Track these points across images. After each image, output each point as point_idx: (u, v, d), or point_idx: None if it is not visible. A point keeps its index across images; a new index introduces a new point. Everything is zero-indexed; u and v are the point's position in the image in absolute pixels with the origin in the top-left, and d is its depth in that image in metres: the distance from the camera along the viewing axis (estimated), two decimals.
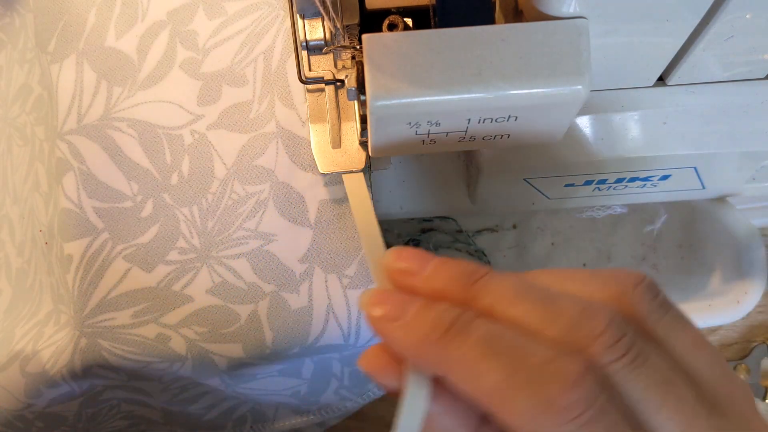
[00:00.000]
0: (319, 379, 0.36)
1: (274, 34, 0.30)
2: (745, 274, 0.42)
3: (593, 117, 0.33)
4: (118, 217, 0.31)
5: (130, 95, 0.31)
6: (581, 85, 0.23)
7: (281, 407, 0.40)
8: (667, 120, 0.32)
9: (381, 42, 0.23)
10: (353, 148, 0.29)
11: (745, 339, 0.47)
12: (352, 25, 0.27)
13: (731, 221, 0.42)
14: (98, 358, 0.30)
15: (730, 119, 0.32)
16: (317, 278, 0.30)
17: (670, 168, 0.36)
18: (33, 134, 0.36)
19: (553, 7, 0.24)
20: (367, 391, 0.39)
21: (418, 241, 0.47)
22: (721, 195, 0.41)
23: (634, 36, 0.26)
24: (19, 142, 0.37)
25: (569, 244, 0.47)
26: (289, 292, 0.30)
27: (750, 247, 0.41)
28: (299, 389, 0.37)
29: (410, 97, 0.23)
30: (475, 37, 0.23)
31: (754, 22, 0.25)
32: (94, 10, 0.31)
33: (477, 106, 0.24)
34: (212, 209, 0.30)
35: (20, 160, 0.37)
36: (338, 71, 0.28)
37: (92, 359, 0.30)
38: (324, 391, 0.38)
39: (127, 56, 0.31)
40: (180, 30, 0.31)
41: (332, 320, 0.31)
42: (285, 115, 0.30)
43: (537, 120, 0.25)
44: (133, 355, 0.30)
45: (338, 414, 0.40)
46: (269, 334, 0.30)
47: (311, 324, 0.31)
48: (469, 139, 0.26)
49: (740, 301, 0.42)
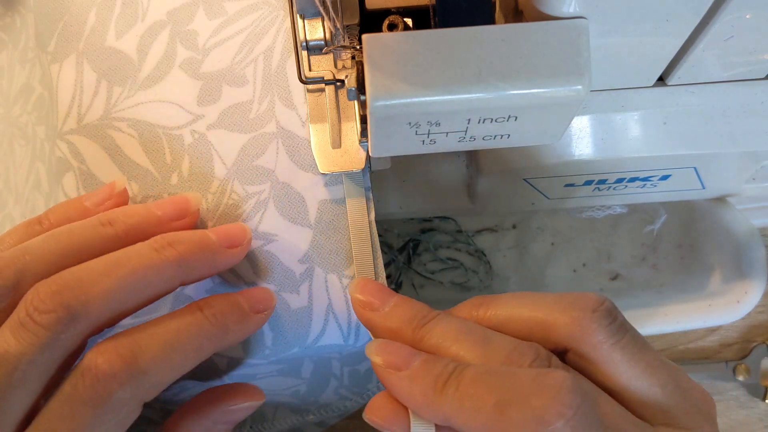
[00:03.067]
0: (318, 378, 0.36)
1: (274, 34, 0.30)
2: (745, 274, 0.42)
3: (593, 117, 0.33)
4: None
5: (131, 95, 0.31)
6: (581, 85, 0.23)
7: (281, 407, 0.40)
8: (667, 120, 0.32)
9: (381, 42, 0.23)
10: (353, 148, 0.29)
11: (745, 339, 0.47)
12: (352, 25, 0.27)
13: (731, 221, 0.42)
14: None
15: (730, 119, 0.32)
16: (317, 278, 0.30)
17: (670, 168, 0.36)
18: (34, 134, 0.36)
19: (553, 7, 0.24)
20: (366, 391, 0.39)
21: (418, 241, 0.47)
22: (721, 195, 0.41)
23: (634, 36, 0.26)
24: (21, 141, 0.37)
25: (569, 244, 0.47)
26: (289, 292, 0.30)
27: (750, 247, 0.41)
28: (299, 389, 0.37)
29: (410, 97, 0.23)
30: (475, 37, 0.23)
31: (754, 22, 0.25)
32: (94, 10, 0.31)
33: (477, 106, 0.24)
34: (212, 209, 0.30)
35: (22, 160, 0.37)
36: (338, 71, 0.29)
37: None
38: (323, 391, 0.38)
39: (127, 56, 0.31)
40: (180, 30, 0.31)
41: (332, 320, 0.31)
42: (285, 115, 0.30)
43: (537, 120, 0.25)
44: None
45: (338, 413, 0.40)
46: (269, 334, 0.30)
47: (311, 324, 0.31)
48: (469, 139, 0.26)
49: (740, 301, 0.42)
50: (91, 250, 0.25)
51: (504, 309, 0.26)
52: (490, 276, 0.47)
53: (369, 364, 0.37)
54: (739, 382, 0.46)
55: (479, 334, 0.25)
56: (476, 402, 0.22)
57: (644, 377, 0.24)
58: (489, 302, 0.27)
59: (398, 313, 0.27)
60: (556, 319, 0.25)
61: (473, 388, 0.22)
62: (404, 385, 0.24)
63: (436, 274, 0.47)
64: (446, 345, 0.25)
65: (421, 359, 0.24)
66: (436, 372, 0.24)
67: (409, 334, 0.26)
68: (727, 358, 0.47)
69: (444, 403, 0.23)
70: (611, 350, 0.24)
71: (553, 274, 0.47)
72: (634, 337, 0.24)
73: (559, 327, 0.24)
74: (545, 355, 0.24)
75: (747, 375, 0.46)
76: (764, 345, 0.47)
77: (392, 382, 0.25)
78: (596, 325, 0.24)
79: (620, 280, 0.46)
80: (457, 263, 0.47)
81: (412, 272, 0.47)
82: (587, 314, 0.24)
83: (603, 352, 0.24)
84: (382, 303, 0.27)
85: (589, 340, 0.24)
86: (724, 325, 0.47)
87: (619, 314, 0.25)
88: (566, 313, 0.24)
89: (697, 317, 0.42)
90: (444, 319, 0.26)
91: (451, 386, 0.23)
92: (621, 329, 0.24)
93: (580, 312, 0.24)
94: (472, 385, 0.23)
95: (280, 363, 0.32)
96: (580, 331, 0.24)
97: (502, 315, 0.26)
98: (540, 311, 0.25)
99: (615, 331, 0.24)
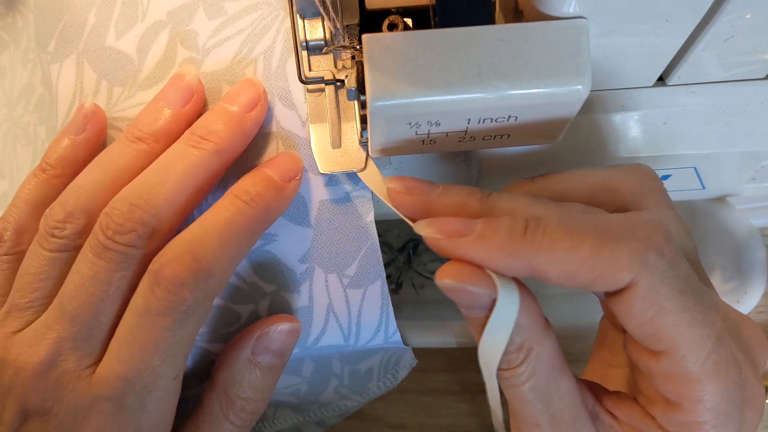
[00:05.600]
0: (318, 377, 0.36)
1: (274, 34, 0.30)
2: (745, 274, 0.42)
3: (593, 117, 0.33)
4: None
5: (131, 95, 0.31)
6: (581, 85, 0.23)
7: (281, 406, 0.40)
8: (667, 120, 0.32)
9: (381, 42, 0.23)
10: (353, 148, 0.29)
11: None
12: (352, 25, 0.27)
13: (731, 221, 0.42)
14: None
15: (730, 119, 0.32)
16: (317, 278, 0.30)
17: (670, 168, 0.36)
18: (36, 135, 0.36)
19: (553, 7, 0.24)
20: (367, 391, 0.39)
21: (418, 241, 0.47)
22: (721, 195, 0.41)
23: (634, 36, 0.26)
24: (23, 142, 0.37)
25: None
26: (289, 292, 0.30)
27: (750, 247, 0.41)
28: (299, 388, 0.37)
29: (410, 97, 0.23)
30: (475, 37, 0.23)
31: (754, 22, 0.25)
32: (94, 10, 0.31)
33: (477, 106, 0.24)
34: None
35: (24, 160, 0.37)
36: (338, 71, 0.29)
37: None
38: (324, 390, 0.38)
39: (128, 56, 0.31)
40: (180, 30, 0.31)
41: (332, 320, 0.31)
42: (285, 115, 0.30)
43: (537, 120, 0.25)
44: None
45: (338, 413, 0.40)
46: None
47: (312, 324, 0.31)
48: (469, 139, 0.26)
49: (740, 301, 0.42)
50: (134, 166, 0.27)
51: (562, 180, 0.27)
52: None
53: (369, 364, 0.37)
54: None
55: (550, 199, 0.25)
56: (568, 243, 0.21)
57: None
58: (544, 177, 0.27)
59: (455, 191, 0.26)
60: (620, 179, 0.26)
61: (561, 232, 0.22)
62: (476, 245, 0.23)
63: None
64: (520, 208, 0.25)
65: (483, 221, 0.23)
66: (509, 225, 0.23)
67: (477, 206, 0.25)
68: None
69: (529, 250, 0.22)
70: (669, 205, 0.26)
71: None
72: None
73: (624, 186, 0.25)
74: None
75: None
76: None
77: (461, 249, 0.23)
78: (659, 183, 0.26)
79: None
80: None
81: (412, 272, 0.47)
82: (651, 174, 0.26)
83: (663, 206, 0.25)
84: (431, 184, 0.27)
85: (653, 195, 0.25)
86: None
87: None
88: (631, 175, 0.26)
89: None
90: (506, 192, 0.26)
91: (537, 233, 0.22)
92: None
93: (643, 173, 0.26)
94: (559, 229, 0.22)
95: None
96: (644, 189, 0.25)
97: (562, 186, 0.27)
98: (602, 176, 0.26)
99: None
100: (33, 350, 0.25)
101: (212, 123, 0.27)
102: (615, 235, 0.22)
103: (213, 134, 0.27)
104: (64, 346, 0.25)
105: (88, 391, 0.25)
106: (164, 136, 0.28)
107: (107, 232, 0.25)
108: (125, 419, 0.25)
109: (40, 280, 0.27)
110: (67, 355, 0.25)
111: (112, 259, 0.25)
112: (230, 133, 0.27)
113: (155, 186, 0.26)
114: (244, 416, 0.28)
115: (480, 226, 0.23)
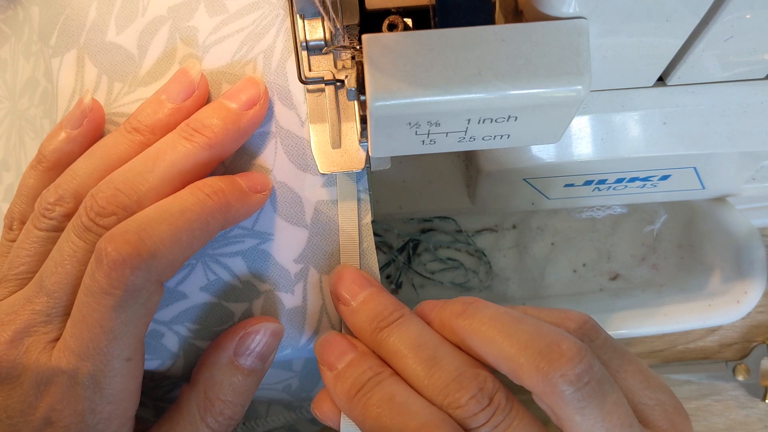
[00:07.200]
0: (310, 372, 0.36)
1: (275, 33, 0.30)
2: (745, 274, 0.42)
3: (593, 117, 0.33)
4: None
5: (131, 91, 0.31)
6: (581, 85, 0.23)
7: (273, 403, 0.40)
8: (667, 120, 0.32)
9: (381, 42, 0.23)
10: (353, 148, 0.29)
11: (745, 339, 0.47)
12: (352, 25, 0.27)
13: (731, 221, 0.42)
14: None
15: (730, 119, 0.32)
16: (312, 278, 0.30)
17: (670, 168, 0.36)
18: (42, 127, 0.36)
19: (553, 7, 0.24)
20: None
21: (418, 241, 0.47)
22: (720, 195, 0.41)
23: (634, 36, 0.26)
24: (31, 134, 0.38)
25: (569, 244, 0.47)
26: (283, 291, 0.30)
27: (750, 247, 0.41)
28: (290, 383, 0.37)
29: (410, 98, 0.23)
30: (475, 37, 0.23)
31: (754, 22, 0.25)
32: (95, 5, 0.31)
33: (477, 107, 0.24)
34: None
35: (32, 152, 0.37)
36: (338, 71, 0.28)
37: None
38: (315, 386, 0.38)
39: (128, 52, 0.31)
40: (180, 26, 0.31)
41: (325, 321, 0.31)
42: (284, 115, 0.30)
43: (537, 120, 0.25)
44: None
45: None
46: None
47: (304, 324, 0.31)
48: (469, 139, 0.26)
49: (740, 301, 0.42)
50: (129, 157, 0.28)
51: (482, 328, 0.25)
52: (490, 276, 0.47)
53: None
54: (738, 382, 0.46)
55: (430, 352, 0.26)
56: (374, 422, 0.24)
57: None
58: (472, 313, 0.26)
59: (365, 310, 0.28)
60: (523, 365, 0.24)
61: (376, 408, 0.25)
62: (331, 384, 0.27)
63: (436, 274, 0.47)
64: (396, 356, 0.26)
65: (348, 360, 0.27)
66: (355, 377, 0.26)
67: (368, 337, 0.27)
68: (727, 358, 0.47)
69: (354, 410, 0.25)
70: (573, 413, 0.23)
71: (553, 274, 0.47)
72: (602, 401, 0.23)
73: (525, 374, 0.24)
74: (489, 390, 0.24)
75: (747, 375, 0.46)
76: (764, 345, 0.47)
77: (325, 380, 0.27)
78: (563, 389, 0.23)
79: (620, 280, 0.47)
80: (457, 263, 0.47)
81: (412, 272, 0.47)
82: (556, 374, 0.23)
83: (565, 413, 0.23)
84: (353, 296, 0.28)
85: (553, 399, 0.23)
86: (724, 325, 0.47)
87: (595, 370, 0.23)
88: (536, 363, 0.23)
89: (697, 317, 0.42)
90: (404, 325, 0.27)
91: (361, 397, 0.25)
92: (590, 395, 0.23)
93: (550, 368, 0.23)
94: (376, 405, 0.25)
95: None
96: (545, 388, 0.23)
97: (477, 334, 0.25)
98: (513, 347, 0.24)
99: (582, 398, 0.23)
100: (9, 318, 0.26)
101: (208, 117, 0.28)
102: None
103: (207, 128, 0.27)
104: (36, 318, 0.26)
105: (48, 363, 0.25)
106: (161, 129, 0.28)
107: (90, 213, 0.26)
108: (80, 395, 0.25)
109: (28, 255, 0.28)
110: (38, 327, 0.26)
111: (91, 240, 0.26)
112: (224, 129, 0.28)
113: (142, 173, 0.26)
114: (222, 420, 0.28)
115: (341, 367, 0.27)
